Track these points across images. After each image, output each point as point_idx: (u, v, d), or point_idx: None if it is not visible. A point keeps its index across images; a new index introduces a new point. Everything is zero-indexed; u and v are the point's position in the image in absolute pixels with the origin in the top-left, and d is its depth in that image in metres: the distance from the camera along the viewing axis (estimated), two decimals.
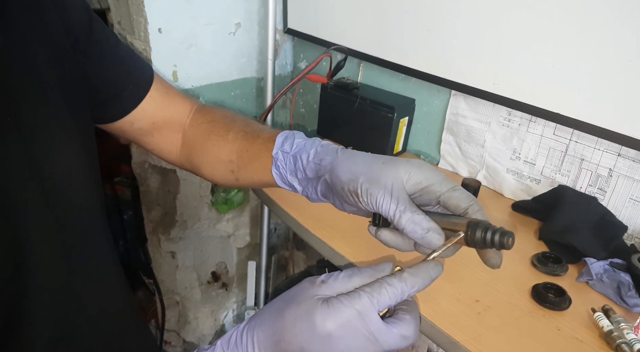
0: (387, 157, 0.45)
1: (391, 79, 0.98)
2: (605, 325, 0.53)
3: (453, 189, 0.42)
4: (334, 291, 0.38)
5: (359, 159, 0.45)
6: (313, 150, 0.49)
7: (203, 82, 1.09)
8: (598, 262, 0.64)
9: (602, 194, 0.73)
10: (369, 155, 0.46)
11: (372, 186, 0.42)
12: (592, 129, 0.69)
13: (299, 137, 0.53)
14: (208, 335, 1.49)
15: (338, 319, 0.35)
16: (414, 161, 0.43)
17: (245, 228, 1.40)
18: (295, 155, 0.51)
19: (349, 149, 0.49)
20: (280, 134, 0.54)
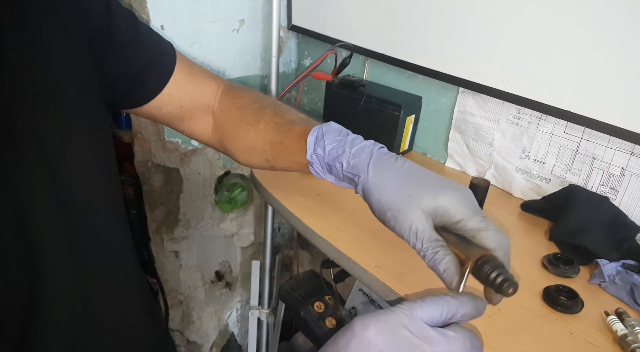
0: (416, 182, 0.44)
1: (398, 77, 0.97)
2: (619, 329, 0.52)
3: (480, 229, 0.42)
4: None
5: (387, 186, 0.45)
6: (345, 161, 0.49)
7: None
8: (610, 264, 0.63)
9: (614, 194, 0.71)
10: (398, 179, 0.45)
11: (398, 224, 0.44)
12: (605, 127, 0.67)
13: (328, 139, 0.51)
14: (212, 335, 1.48)
15: (379, 324, 0.36)
16: (445, 192, 0.43)
17: (249, 227, 1.39)
18: (329, 163, 0.51)
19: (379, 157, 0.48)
20: (311, 134, 0.53)
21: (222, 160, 1.23)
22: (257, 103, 0.62)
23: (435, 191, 0.43)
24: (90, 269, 0.44)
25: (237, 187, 1.28)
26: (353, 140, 0.51)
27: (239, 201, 1.30)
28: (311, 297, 1.15)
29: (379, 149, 0.49)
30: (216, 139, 0.65)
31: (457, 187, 0.44)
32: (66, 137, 0.42)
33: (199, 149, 1.16)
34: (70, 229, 0.42)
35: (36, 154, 0.39)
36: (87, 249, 0.44)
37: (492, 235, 0.41)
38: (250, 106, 0.61)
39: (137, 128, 1.15)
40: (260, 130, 0.59)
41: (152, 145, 1.11)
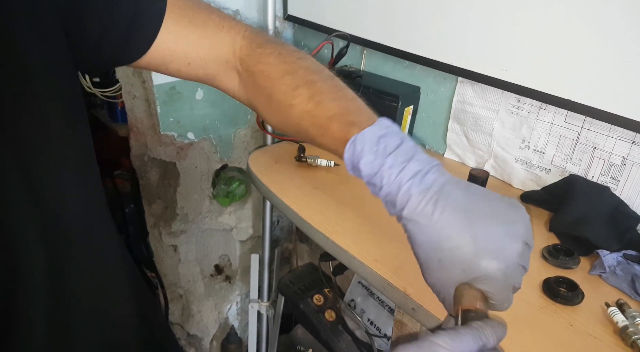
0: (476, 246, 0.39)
1: (395, 67, 0.96)
2: (620, 320, 0.51)
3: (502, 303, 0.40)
4: None
5: (423, 239, 0.42)
6: (379, 190, 0.45)
7: None
8: (611, 254, 0.62)
9: (615, 184, 0.70)
10: (434, 235, 0.41)
11: (431, 285, 0.43)
12: (606, 116, 0.66)
13: (364, 160, 0.45)
14: (212, 328, 1.48)
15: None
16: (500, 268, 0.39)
17: (247, 221, 1.39)
18: (368, 182, 0.47)
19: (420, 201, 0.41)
20: (347, 149, 0.46)
21: (219, 153, 1.21)
22: (288, 75, 0.53)
23: (488, 261, 0.39)
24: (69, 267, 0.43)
25: (235, 180, 1.27)
26: (390, 168, 0.43)
27: (237, 195, 1.29)
28: (310, 290, 1.14)
29: (432, 181, 0.42)
30: (246, 98, 0.59)
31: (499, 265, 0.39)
32: (40, 131, 0.39)
33: (195, 142, 1.15)
34: (47, 226, 0.40)
35: (9, 150, 0.37)
36: (66, 247, 0.43)
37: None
38: (281, 79, 0.53)
39: (133, 121, 1.14)
40: (294, 115, 0.53)
41: (148, 139, 1.10)
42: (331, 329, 1.06)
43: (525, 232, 0.40)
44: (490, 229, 0.40)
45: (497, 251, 0.39)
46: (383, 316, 1.09)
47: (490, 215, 0.40)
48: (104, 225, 0.50)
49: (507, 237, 0.39)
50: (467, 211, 0.40)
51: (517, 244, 0.39)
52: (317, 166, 0.83)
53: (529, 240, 0.41)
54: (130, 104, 1.12)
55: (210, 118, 1.14)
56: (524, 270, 0.41)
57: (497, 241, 0.39)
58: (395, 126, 0.47)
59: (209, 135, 1.16)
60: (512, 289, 0.41)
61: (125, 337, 0.52)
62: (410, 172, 0.42)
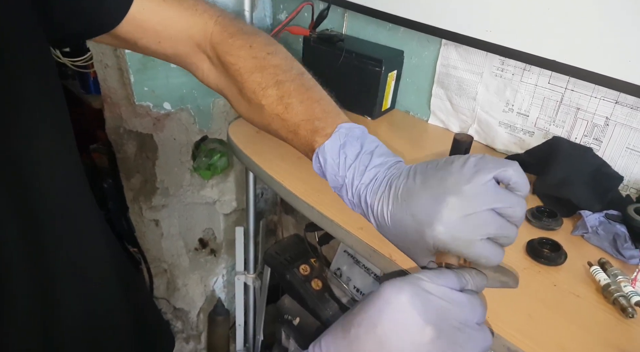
0: (413, 226, 0.42)
1: (378, 30, 0.93)
2: (602, 279, 0.52)
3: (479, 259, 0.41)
4: None
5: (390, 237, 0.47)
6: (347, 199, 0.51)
7: None
8: (593, 215, 0.62)
9: (597, 144, 0.70)
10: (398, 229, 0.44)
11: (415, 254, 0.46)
12: (589, 76, 0.65)
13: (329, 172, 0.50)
14: (198, 301, 1.48)
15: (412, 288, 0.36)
16: (440, 229, 0.40)
17: (230, 194, 1.37)
18: (335, 190, 0.52)
19: (380, 203, 0.45)
20: (314, 155, 0.51)
21: (198, 124, 1.18)
22: (257, 72, 0.54)
23: (431, 230, 0.40)
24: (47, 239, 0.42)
25: (216, 152, 1.24)
26: (352, 180, 0.48)
27: (219, 167, 1.27)
28: (296, 260, 1.14)
29: (380, 182, 0.46)
30: (214, 84, 0.60)
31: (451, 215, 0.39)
32: (12, 100, 0.38)
33: (172, 112, 1.11)
34: (22, 197, 0.38)
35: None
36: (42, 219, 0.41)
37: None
38: (250, 77, 0.54)
39: (106, 92, 1.09)
40: (264, 115, 0.55)
41: (123, 110, 1.06)
42: (318, 297, 1.07)
43: (455, 184, 0.40)
44: (420, 202, 0.41)
45: (430, 218, 0.40)
46: (369, 283, 1.10)
47: (421, 188, 0.42)
48: (83, 198, 0.48)
49: (432, 200, 0.40)
50: (406, 195, 0.43)
51: (446, 202, 0.39)
52: None
53: (464, 189, 0.39)
54: (102, 74, 1.07)
55: (187, 87, 1.10)
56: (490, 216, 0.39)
57: (427, 204, 0.40)
58: (355, 129, 0.50)
59: (186, 105, 1.12)
60: (483, 242, 0.40)
61: (108, 310, 0.51)
62: (366, 181, 0.47)
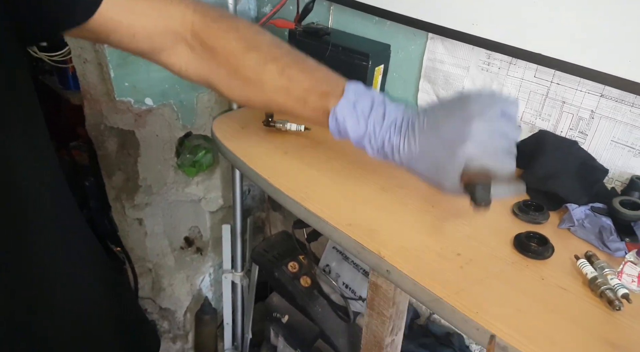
0: (447, 145, 0.49)
1: (364, 23, 0.92)
2: (589, 272, 0.52)
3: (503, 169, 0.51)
4: None
5: (420, 165, 0.51)
6: (374, 151, 0.53)
7: None
8: (579, 208, 0.63)
9: (583, 138, 0.70)
10: (428, 156, 0.50)
11: (439, 187, 0.52)
12: (575, 69, 0.66)
13: (350, 124, 0.52)
14: (185, 300, 1.46)
15: None
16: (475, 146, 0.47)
17: (216, 191, 1.35)
18: (357, 144, 0.54)
19: (404, 138, 0.51)
20: (330, 120, 0.53)
21: (182, 120, 1.16)
22: (252, 51, 0.54)
23: (463, 147, 0.47)
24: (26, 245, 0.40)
25: (201, 149, 1.22)
26: (374, 125, 0.52)
27: (204, 164, 1.25)
28: (285, 257, 1.14)
29: (397, 130, 0.51)
30: (198, 74, 0.57)
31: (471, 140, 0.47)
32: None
33: (154, 108, 1.09)
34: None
35: None
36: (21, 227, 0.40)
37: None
38: (246, 56, 0.53)
39: (86, 88, 1.06)
40: (266, 91, 0.54)
41: (103, 106, 1.04)
42: (307, 294, 1.06)
43: (478, 109, 0.48)
44: (449, 127, 0.48)
45: (461, 138, 0.47)
46: (358, 279, 1.10)
47: (446, 116, 0.49)
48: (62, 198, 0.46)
49: (461, 121, 0.48)
50: (433, 124, 0.49)
51: (473, 123, 0.47)
52: (287, 131, 0.80)
53: (487, 111, 0.48)
54: (81, 69, 1.04)
55: (169, 82, 1.08)
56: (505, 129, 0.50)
57: (456, 127, 0.48)
58: (361, 86, 0.54)
59: (168, 100, 1.10)
60: (503, 152, 0.50)
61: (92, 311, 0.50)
62: (387, 125, 0.51)
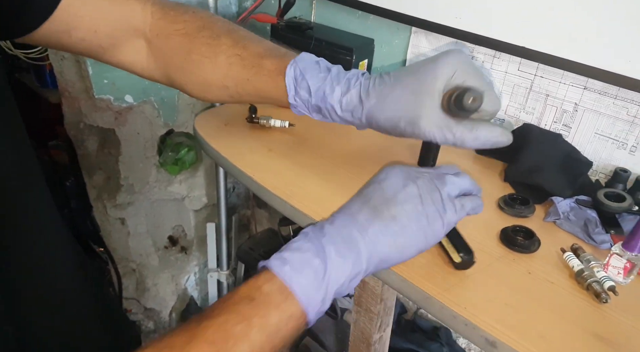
0: (417, 75, 0.46)
1: (347, 17, 0.91)
2: (575, 265, 0.52)
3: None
4: None
5: (390, 99, 0.46)
6: (337, 103, 0.48)
7: None
8: (564, 201, 0.63)
9: (567, 130, 0.71)
10: (398, 86, 0.46)
11: (415, 127, 0.46)
12: (558, 62, 0.66)
13: (311, 78, 0.49)
14: (170, 300, 1.44)
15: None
16: (439, 68, 0.45)
17: (200, 189, 1.33)
18: (317, 104, 0.49)
19: (371, 80, 0.47)
20: (288, 73, 0.49)
21: (163, 117, 1.14)
22: (206, 29, 0.53)
23: (434, 76, 0.45)
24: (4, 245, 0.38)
25: (183, 146, 1.20)
26: (337, 74, 0.49)
27: (187, 162, 1.23)
28: (271, 255, 1.12)
29: (364, 76, 0.48)
30: (157, 69, 0.56)
31: (454, 55, 0.45)
32: None
33: (135, 106, 1.06)
34: None
35: None
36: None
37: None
38: (200, 33, 0.53)
39: (64, 85, 1.04)
40: (220, 64, 0.52)
41: (82, 104, 1.01)
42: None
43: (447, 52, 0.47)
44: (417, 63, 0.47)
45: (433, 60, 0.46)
46: None
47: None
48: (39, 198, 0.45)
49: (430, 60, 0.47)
50: (400, 70, 0.48)
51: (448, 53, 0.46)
52: (271, 127, 0.79)
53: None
54: (58, 66, 1.01)
55: None
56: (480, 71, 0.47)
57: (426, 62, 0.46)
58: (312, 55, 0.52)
59: (149, 97, 1.08)
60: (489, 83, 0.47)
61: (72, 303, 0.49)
62: (352, 73, 0.49)
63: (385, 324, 0.66)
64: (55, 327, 0.45)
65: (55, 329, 0.45)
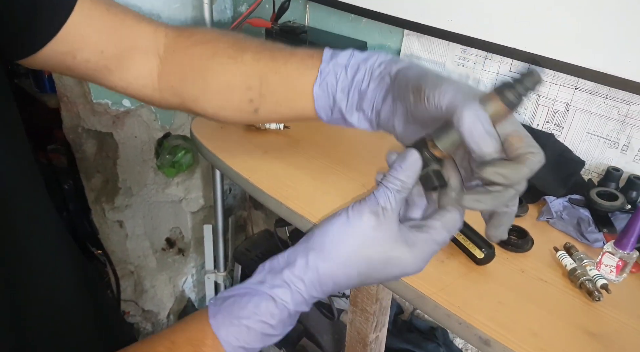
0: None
1: (340, 21, 0.91)
2: (568, 263, 0.53)
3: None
4: (397, 212, 0.38)
5: (430, 69, 0.41)
6: (381, 57, 0.44)
7: None
8: (557, 200, 0.64)
9: (559, 130, 0.71)
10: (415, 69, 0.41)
11: (439, 79, 0.38)
12: (549, 63, 0.66)
13: (346, 51, 0.45)
14: (168, 302, 1.45)
15: (423, 257, 0.38)
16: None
17: (197, 191, 1.33)
18: (357, 65, 0.45)
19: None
20: (326, 49, 0.46)
21: (160, 120, 1.14)
22: (229, 35, 0.52)
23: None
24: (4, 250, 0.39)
25: (180, 149, 1.20)
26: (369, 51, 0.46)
27: (184, 164, 1.23)
28: (267, 256, 1.12)
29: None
30: (168, 87, 0.53)
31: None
32: None
33: (132, 109, 1.07)
34: None
35: None
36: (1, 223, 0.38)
37: None
38: (224, 38, 0.51)
39: (62, 90, 1.04)
40: (247, 61, 0.49)
41: (80, 109, 1.02)
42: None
43: None
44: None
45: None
46: None
47: None
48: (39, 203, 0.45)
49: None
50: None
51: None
52: (266, 130, 0.79)
53: None
54: None
55: None
56: None
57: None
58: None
59: None
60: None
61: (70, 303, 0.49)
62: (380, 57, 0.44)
63: (381, 323, 0.66)
64: (52, 331, 0.45)
65: (52, 333, 0.45)
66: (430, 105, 0.37)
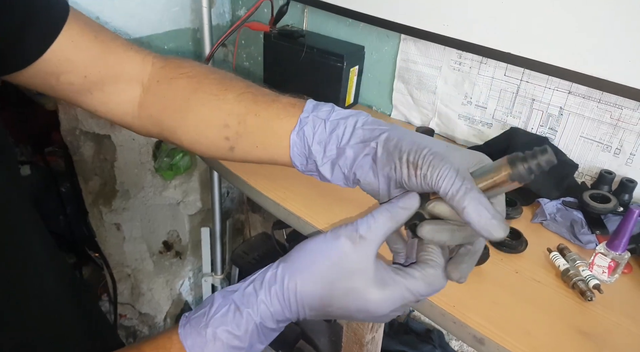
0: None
1: (338, 25, 0.92)
2: (561, 264, 0.54)
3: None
4: (376, 245, 0.36)
5: (420, 135, 0.41)
6: (362, 118, 0.44)
7: (131, 35, 0.99)
8: (551, 202, 0.64)
9: (553, 134, 0.72)
10: (430, 137, 0.41)
11: (437, 159, 0.37)
12: (543, 67, 0.68)
13: (326, 108, 0.46)
14: (165, 305, 1.44)
15: (392, 302, 0.36)
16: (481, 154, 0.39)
17: (195, 194, 1.34)
18: (337, 121, 0.44)
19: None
20: (309, 101, 0.46)
21: None
22: (216, 73, 0.52)
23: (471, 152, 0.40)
24: None
25: (178, 152, 1.21)
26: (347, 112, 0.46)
27: (182, 167, 1.23)
28: (265, 259, 1.13)
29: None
30: (148, 116, 0.54)
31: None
32: None
33: None
34: None
35: None
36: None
37: None
38: (210, 75, 0.51)
39: None
40: (229, 100, 0.50)
41: (78, 111, 1.02)
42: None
43: None
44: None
45: None
46: None
47: None
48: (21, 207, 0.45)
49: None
50: None
51: None
52: None
53: None
54: None
55: None
56: None
57: None
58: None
59: None
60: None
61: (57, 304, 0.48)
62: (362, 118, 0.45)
63: (377, 325, 0.67)
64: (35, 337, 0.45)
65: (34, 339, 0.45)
66: (426, 183, 0.37)
